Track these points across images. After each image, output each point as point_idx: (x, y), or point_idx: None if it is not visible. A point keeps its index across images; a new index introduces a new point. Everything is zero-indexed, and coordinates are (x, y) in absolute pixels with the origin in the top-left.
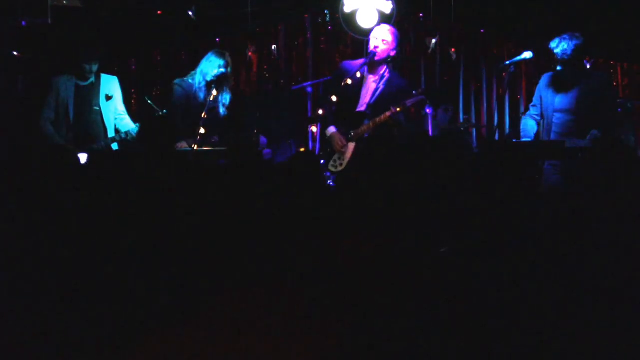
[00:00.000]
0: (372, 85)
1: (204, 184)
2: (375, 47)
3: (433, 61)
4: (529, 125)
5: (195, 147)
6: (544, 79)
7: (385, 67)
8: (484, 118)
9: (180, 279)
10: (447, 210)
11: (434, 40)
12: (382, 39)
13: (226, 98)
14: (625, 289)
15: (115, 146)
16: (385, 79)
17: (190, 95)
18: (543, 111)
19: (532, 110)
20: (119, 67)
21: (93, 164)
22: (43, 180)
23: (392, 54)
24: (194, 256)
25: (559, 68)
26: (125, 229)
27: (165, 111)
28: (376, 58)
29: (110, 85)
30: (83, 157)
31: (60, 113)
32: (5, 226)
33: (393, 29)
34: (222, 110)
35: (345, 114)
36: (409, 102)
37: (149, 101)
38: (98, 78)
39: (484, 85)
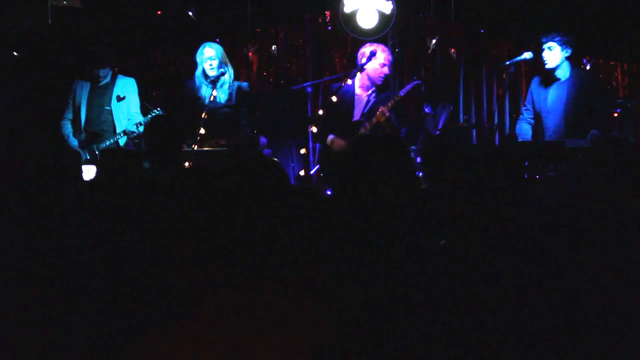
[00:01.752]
0: (364, 99)
1: (204, 183)
2: (387, 74)
3: (433, 61)
4: (524, 129)
5: (195, 147)
6: (535, 81)
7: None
8: (484, 118)
9: (180, 279)
10: (446, 209)
11: (434, 40)
12: (387, 64)
13: (223, 89)
14: (625, 290)
15: (122, 141)
16: (374, 89)
17: (194, 95)
18: (537, 112)
19: (525, 114)
20: (119, 67)
21: (98, 162)
22: (44, 180)
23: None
24: (193, 255)
25: (545, 66)
26: (125, 228)
27: (158, 110)
28: (380, 82)
29: (125, 86)
30: (91, 170)
31: (75, 114)
32: (5, 225)
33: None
34: (225, 102)
35: (341, 128)
36: (402, 92)
37: (144, 102)
38: (114, 79)
39: (484, 85)
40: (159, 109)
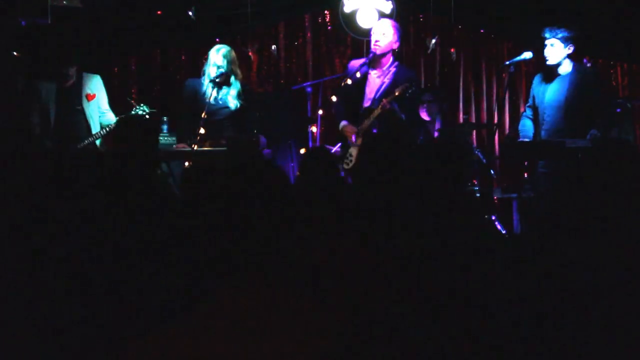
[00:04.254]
0: (376, 80)
1: (204, 183)
2: (377, 42)
3: (433, 61)
4: (526, 126)
5: (195, 147)
6: (536, 78)
7: (390, 60)
8: (484, 118)
9: (180, 279)
10: (446, 210)
11: (433, 40)
12: (382, 33)
13: (231, 95)
14: (626, 290)
15: (99, 142)
16: (391, 72)
17: (198, 95)
18: (536, 107)
19: (528, 112)
20: (119, 67)
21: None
22: (40, 180)
23: (395, 46)
24: (193, 256)
25: (545, 60)
26: (124, 228)
27: (142, 106)
28: (378, 52)
29: (92, 84)
30: None
31: (43, 116)
32: (4, 225)
33: (394, 23)
34: (231, 107)
35: (352, 112)
36: (396, 92)
37: (127, 98)
38: (80, 78)
39: (484, 85)
40: (142, 104)
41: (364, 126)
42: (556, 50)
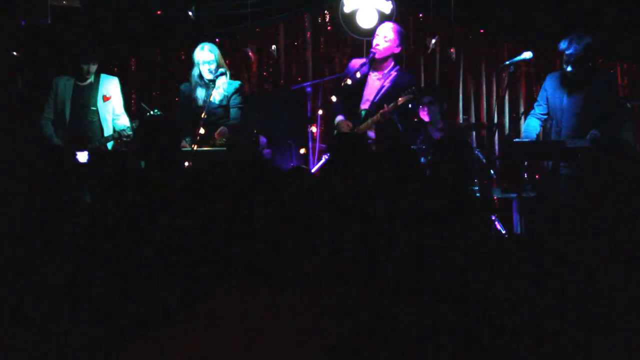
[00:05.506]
0: (376, 83)
1: (204, 183)
2: (377, 45)
3: (433, 61)
4: (531, 125)
5: (195, 147)
6: (551, 79)
7: (391, 64)
8: (484, 118)
9: (180, 279)
10: (446, 210)
11: (433, 40)
12: (383, 36)
13: (222, 89)
14: (625, 290)
15: (110, 145)
16: (392, 77)
17: (189, 97)
18: (550, 112)
19: (537, 110)
20: (119, 67)
21: (90, 163)
22: (41, 180)
23: (396, 51)
24: (194, 256)
25: (569, 69)
26: (124, 228)
27: (156, 111)
28: (377, 56)
29: (109, 85)
30: (83, 156)
31: (58, 113)
32: (4, 225)
33: (396, 27)
34: (218, 103)
35: (351, 112)
36: (399, 100)
37: (142, 104)
38: (97, 78)
39: (484, 85)
40: (156, 110)
41: (361, 129)
42: (576, 57)
